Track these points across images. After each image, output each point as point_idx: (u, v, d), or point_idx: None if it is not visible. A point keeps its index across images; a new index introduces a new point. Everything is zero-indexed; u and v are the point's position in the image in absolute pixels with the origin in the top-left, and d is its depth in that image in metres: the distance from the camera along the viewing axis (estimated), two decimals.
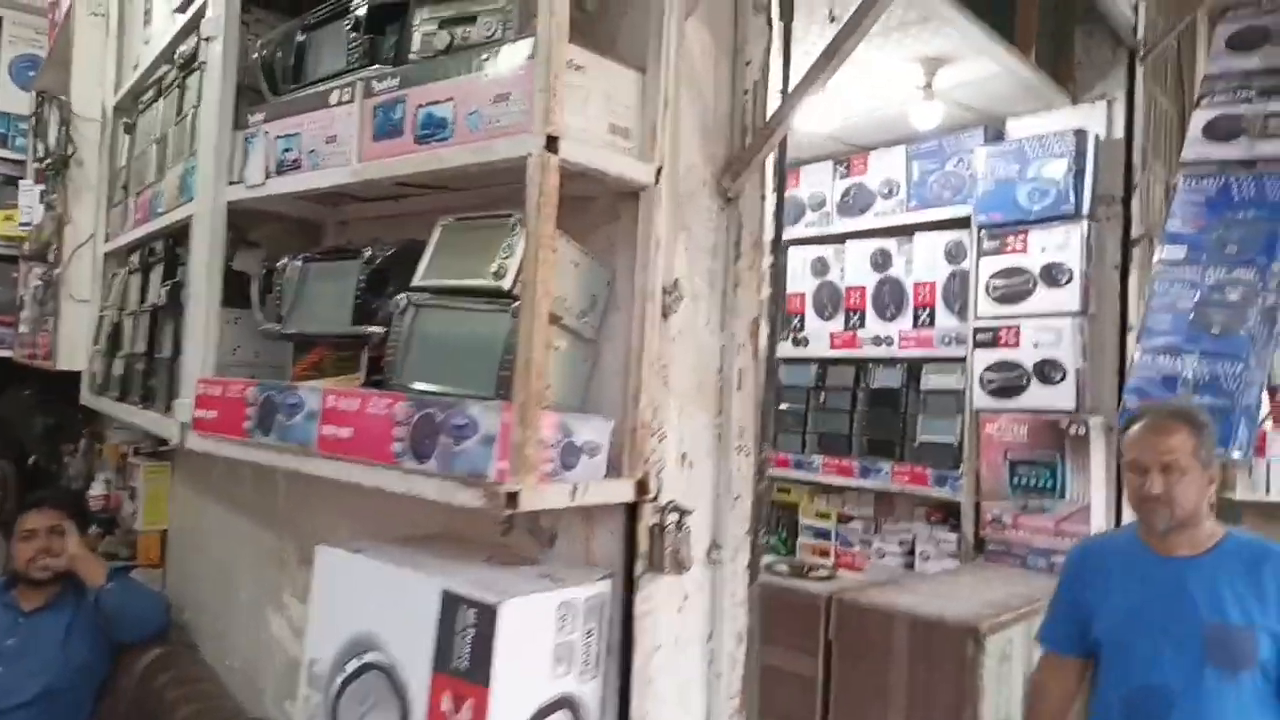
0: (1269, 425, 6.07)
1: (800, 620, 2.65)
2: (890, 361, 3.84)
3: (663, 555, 1.12)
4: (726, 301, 1.33)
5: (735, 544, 1.33)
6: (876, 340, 3.84)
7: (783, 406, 4.23)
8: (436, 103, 1.08)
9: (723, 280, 1.33)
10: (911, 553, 3.76)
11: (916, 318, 3.73)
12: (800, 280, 4.17)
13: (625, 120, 1.10)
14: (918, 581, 2.89)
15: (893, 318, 3.82)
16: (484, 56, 1.04)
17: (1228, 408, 2.79)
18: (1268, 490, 7.04)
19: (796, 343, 4.15)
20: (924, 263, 3.71)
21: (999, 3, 3.02)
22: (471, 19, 1.08)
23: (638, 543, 1.12)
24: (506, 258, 1.04)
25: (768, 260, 1.39)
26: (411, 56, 1.16)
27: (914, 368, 3.77)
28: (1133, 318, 3.19)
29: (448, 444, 0.97)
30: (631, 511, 1.13)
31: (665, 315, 1.16)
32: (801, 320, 4.16)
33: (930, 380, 3.68)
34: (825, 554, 4.08)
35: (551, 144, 0.97)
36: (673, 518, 1.15)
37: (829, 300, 4.07)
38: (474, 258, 1.09)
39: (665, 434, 1.18)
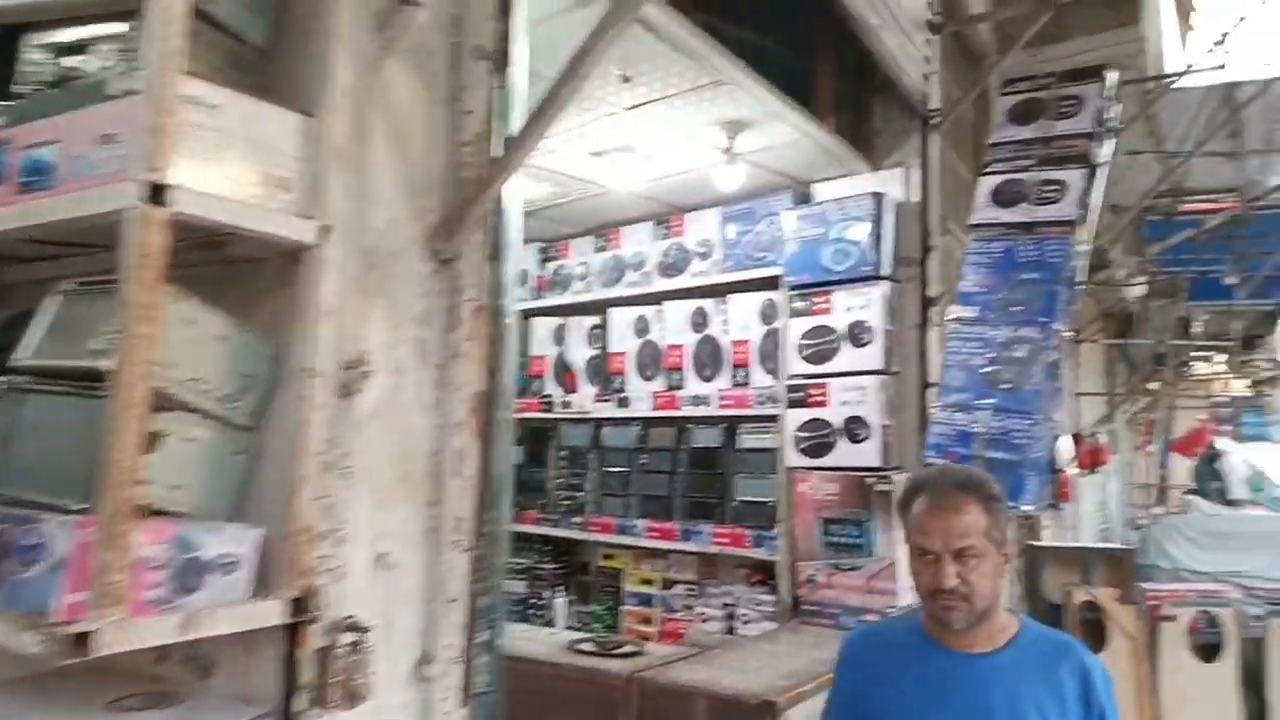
0: (1073, 470, 6.43)
1: (601, 703, 2.48)
2: (709, 421, 3.79)
3: (329, 687, 0.94)
4: (442, 376, 1.18)
5: (450, 655, 1.15)
6: (696, 400, 3.78)
7: (606, 468, 4.11)
8: (41, 144, 0.90)
9: (437, 352, 1.18)
10: (733, 616, 3.67)
11: (734, 377, 3.70)
12: (622, 340, 4.09)
13: (284, 170, 0.94)
14: (728, 650, 2.78)
15: (711, 377, 3.78)
16: (92, 91, 0.86)
17: (1018, 462, 2.86)
18: (1077, 537, 7.45)
19: (620, 403, 4.05)
20: (739, 322, 3.69)
21: (796, 71, 3.07)
22: (83, 47, 0.91)
23: (298, 672, 0.93)
24: (116, 332, 0.86)
25: (492, 328, 1.24)
26: (17, 89, 0.97)
27: (732, 427, 3.73)
28: (933, 375, 3.26)
29: (14, 570, 0.76)
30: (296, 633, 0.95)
31: (346, 394, 0.99)
32: (623, 381, 4.07)
33: (746, 439, 3.65)
34: (649, 621, 3.95)
35: (157, 194, 0.80)
36: (347, 639, 0.96)
37: (650, 360, 4.00)
38: (88, 332, 0.90)
39: (346, 535, 1.00)
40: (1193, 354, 10.96)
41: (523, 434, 4.53)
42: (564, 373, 4.32)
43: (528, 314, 4.52)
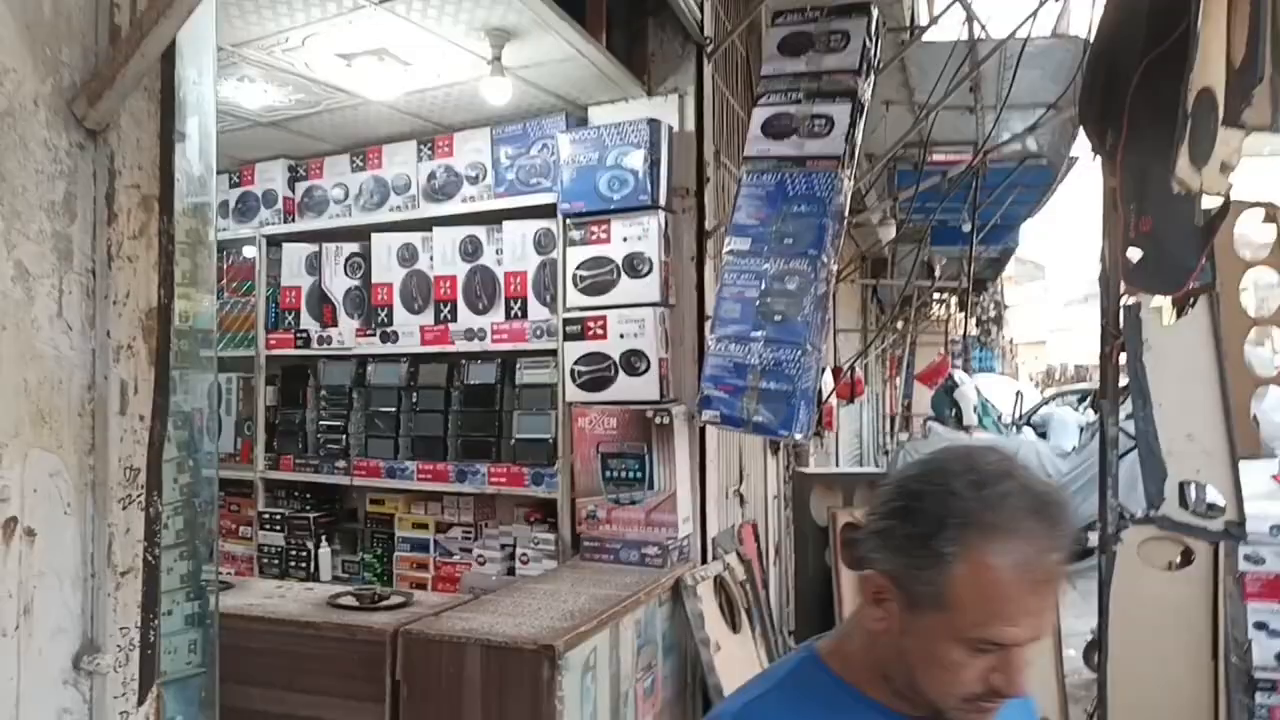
0: (833, 401, 6.84)
1: (367, 661, 2.28)
2: (484, 356, 3.60)
3: None
4: (97, 285, 0.92)
5: (127, 641, 0.93)
6: (469, 334, 3.58)
7: (373, 409, 3.82)
8: None
9: (87, 253, 0.92)
10: (513, 557, 3.56)
11: (509, 310, 3.53)
12: (387, 270, 3.78)
13: None
14: (505, 594, 2.66)
15: (485, 310, 3.58)
16: None
17: (788, 392, 2.91)
18: (837, 462, 7.99)
19: (385, 338, 3.76)
20: (514, 252, 3.51)
21: None
22: None
23: None
24: None
25: (167, 226, 0.99)
26: None
27: (508, 362, 3.56)
28: (709, 307, 3.26)
29: None
30: None
31: None
32: (390, 313, 3.77)
33: (525, 374, 3.50)
34: (424, 567, 3.75)
35: None
36: None
37: (419, 291, 3.73)
38: None
39: None
40: (934, 296, 12.08)
41: (277, 372, 4.13)
42: (321, 305, 3.95)
43: (276, 239, 4.08)
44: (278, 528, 4.02)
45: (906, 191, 6.76)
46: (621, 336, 3.17)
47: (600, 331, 3.20)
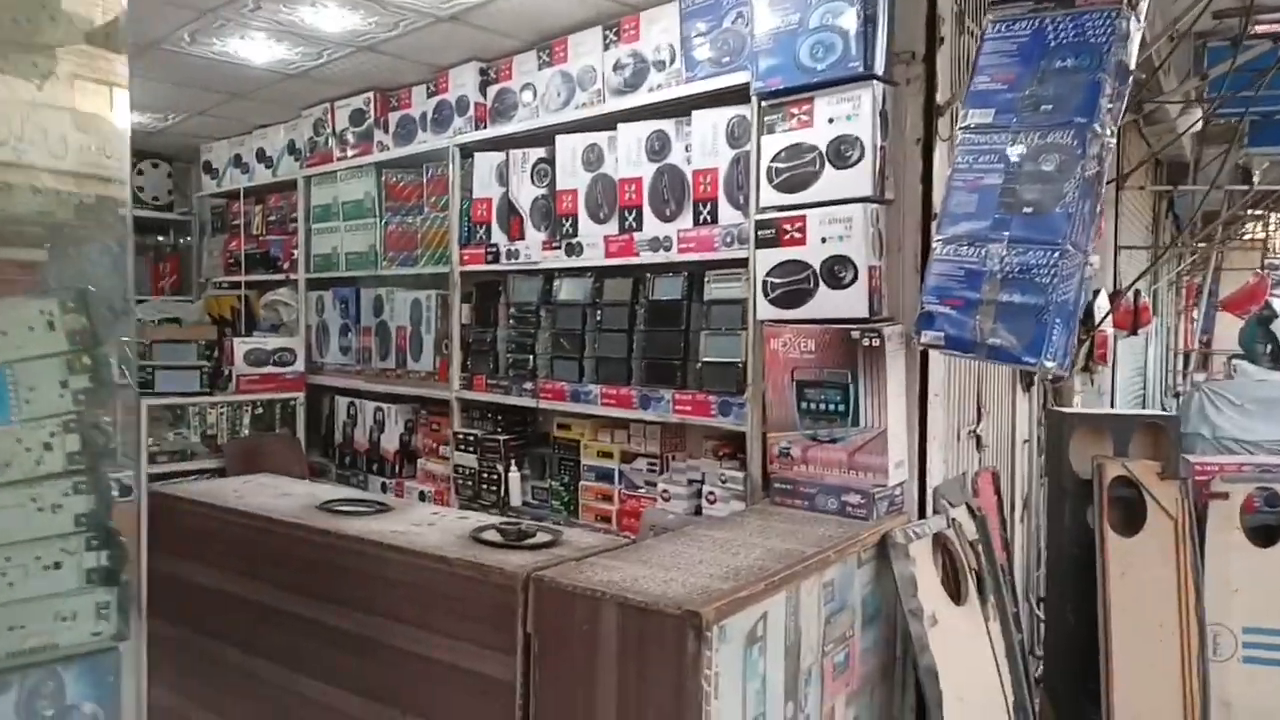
0: (1108, 328, 5.75)
1: (496, 606, 2.00)
2: (670, 269, 3.19)
3: None
4: None
5: None
6: (655, 244, 3.17)
7: (559, 328, 3.55)
8: None
9: None
10: (700, 494, 3.17)
11: (697, 214, 3.07)
12: (571, 175, 3.45)
13: None
14: (668, 541, 2.28)
15: (672, 215, 3.14)
16: None
17: (1039, 307, 2.24)
18: (1112, 403, 6.79)
19: (570, 250, 3.45)
20: (704, 147, 3.03)
21: None
22: None
23: None
24: None
25: None
26: None
27: (696, 276, 3.13)
28: (939, 203, 2.60)
29: None
30: None
31: None
32: (575, 223, 3.45)
33: (713, 289, 3.05)
34: (608, 498, 3.47)
35: None
36: None
37: (604, 197, 3.36)
38: None
39: None
40: (1250, 209, 10.01)
41: (472, 290, 3.98)
42: (510, 217, 3.70)
43: (468, 149, 3.87)
44: (471, 449, 3.91)
45: (1220, 67, 5.39)
46: (823, 241, 2.61)
47: (797, 235, 2.66)
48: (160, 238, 6.35)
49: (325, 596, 2.36)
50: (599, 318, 3.40)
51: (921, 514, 2.65)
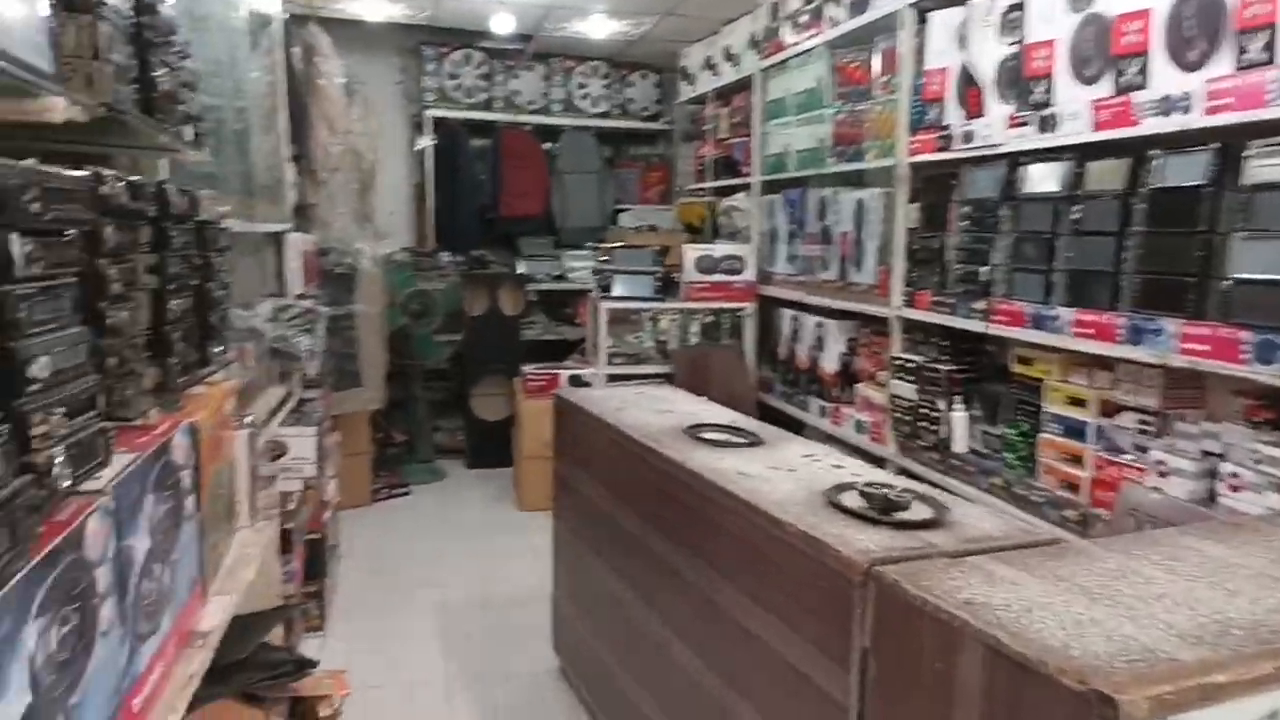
0: None
1: (829, 600, 1.48)
2: (1187, 141, 2.16)
3: None
4: None
5: None
6: (1165, 105, 2.17)
7: (1021, 229, 2.72)
8: None
9: None
10: (1215, 474, 2.19)
11: (1241, 53, 2.00)
12: (1049, 20, 2.54)
13: None
14: (1132, 545, 1.49)
15: (1199, 61, 2.11)
16: None
17: None
18: None
19: (1043, 125, 2.58)
20: None
21: None
22: None
23: None
24: None
25: None
26: None
27: (1229, 151, 2.07)
28: None
29: None
30: None
31: None
32: (1049, 87, 2.56)
33: (1255, 170, 1.98)
34: (1077, 460, 2.61)
35: None
36: None
37: (1094, 47, 2.41)
38: None
39: None
40: None
41: (919, 186, 3.30)
42: (967, 89, 2.92)
43: (924, 10, 3.13)
44: (910, 378, 3.29)
45: None
46: None
47: None
48: (648, 148, 6.61)
49: (673, 535, 2.06)
50: (1077, 216, 2.50)
51: None
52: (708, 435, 2.24)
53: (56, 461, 0.86)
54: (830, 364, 4.01)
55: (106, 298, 1.12)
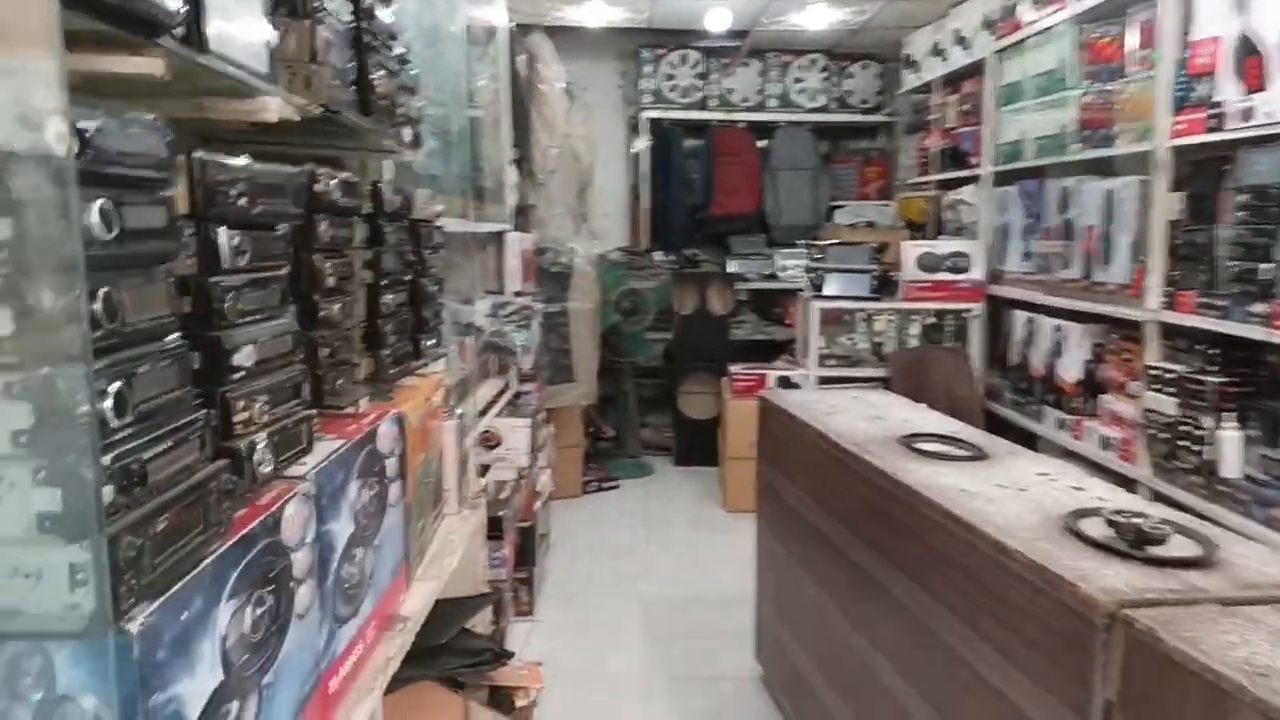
0: None
1: (1064, 642, 1.29)
2: None
3: None
4: None
5: None
6: None
7: None
8: None
9: None
10: None
11: None
12: None
13: None
14: None
15: None
16: None
17: None
18: None
19: None
20: None
21: None
22: None
23: None
24: None
25: None
26: None
27: None
28: None
29: None
30: None
31: None
32: None
33: None
34: None
35: None
36: None
37: None
38: None
39: None
40: None
41: (1183, 173, 2.90)
42: (1246, 58, 2.51)
43: None
44: (1168, 390, 2.89)
45: None
46: None
47: None
48: (867, 141, 6.33)
49: (883, 551, 1.91)
50: None
51: None
52: (924, 446, 2.06)
53: (258, 448, 0.89)
54: (1070, 372, 3.62)
55: (320, 291, 1.17)
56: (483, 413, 2.90)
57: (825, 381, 4.31)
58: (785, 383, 4.30)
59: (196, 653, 0.71)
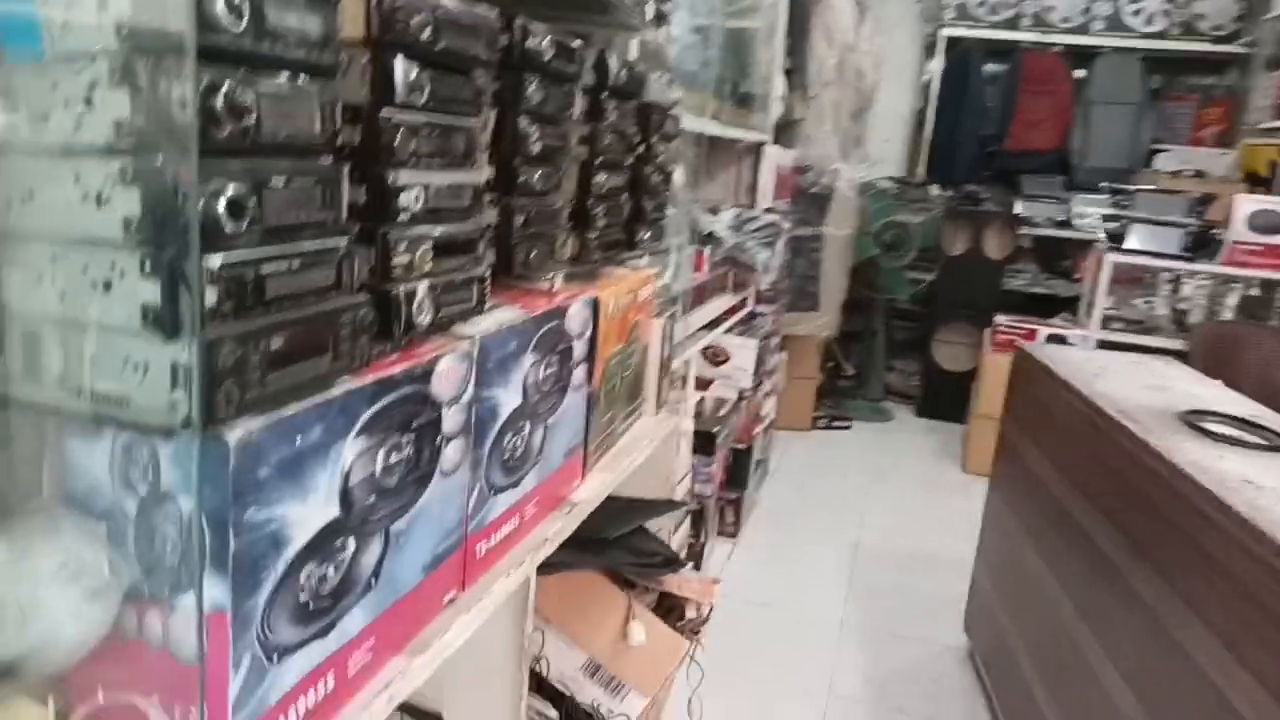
0: None
1: None
2: None
3: None
4: None
5: None
6: None
7: None
8: None
9: None
10: None
11: None
12: None
13: None
14: None
15: None
16: None
17: None
18: None
19: None
20: None
21: None
22: None
23: None
24: None
25: None
26: None
27: None
28: None
29: None
30: None
31: None
32: None
33: None
34: None
35: None
36: None
37: None
38: None
39: None
40: None
41: None
42: None
43: None
44: None
45: None
46: None
47: None
48: (1214, 77, 5.37)
49: (1132, 540, 1.63)
50: None
51: None
52: (1210, 426, 1.71)
53: (417, 297, 0.87)
54: None
55: (521, 156, 1.13)
56: (711, 325, 2.83)
57: (1105, 346, 3.79)
58: (1058, 341, 3.83)
59: (310, 482, 0.71)
